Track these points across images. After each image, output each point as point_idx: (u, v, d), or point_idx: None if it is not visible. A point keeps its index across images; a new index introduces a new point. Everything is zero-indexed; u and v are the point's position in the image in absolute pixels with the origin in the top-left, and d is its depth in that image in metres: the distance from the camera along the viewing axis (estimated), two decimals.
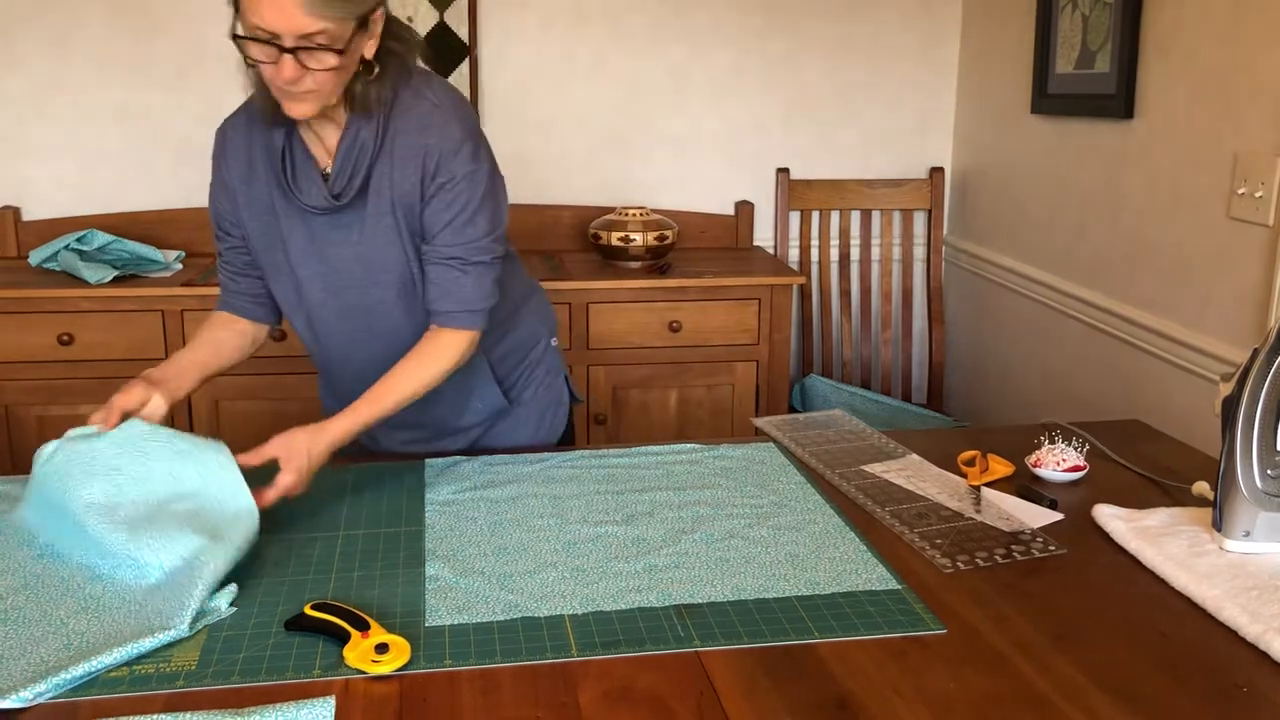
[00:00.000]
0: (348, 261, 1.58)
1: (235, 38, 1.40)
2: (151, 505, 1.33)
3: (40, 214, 3.10)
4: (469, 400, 1.73)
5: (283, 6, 1.34)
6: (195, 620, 1.17)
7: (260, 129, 1.56)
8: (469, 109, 1.58)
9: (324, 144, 1.56)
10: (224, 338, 1.68)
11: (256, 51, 1.39)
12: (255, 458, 1.42)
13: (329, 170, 1.55)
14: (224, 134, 1.63)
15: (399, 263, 1.58)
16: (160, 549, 1.25)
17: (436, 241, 1.54)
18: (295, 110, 1.45)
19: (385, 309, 1.62)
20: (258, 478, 1.39)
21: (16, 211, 3.07)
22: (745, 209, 3.36)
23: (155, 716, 1.00)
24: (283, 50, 1.37)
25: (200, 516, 1.31)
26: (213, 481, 1.37)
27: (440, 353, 1.56)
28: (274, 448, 1.44)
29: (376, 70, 1.48)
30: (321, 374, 1.81)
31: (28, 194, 3.10)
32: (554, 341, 1.88)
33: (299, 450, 1.44)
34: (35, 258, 2.89)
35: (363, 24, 1.43)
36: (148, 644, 1.12)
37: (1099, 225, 2.66)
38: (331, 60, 1.40)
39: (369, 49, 1.47)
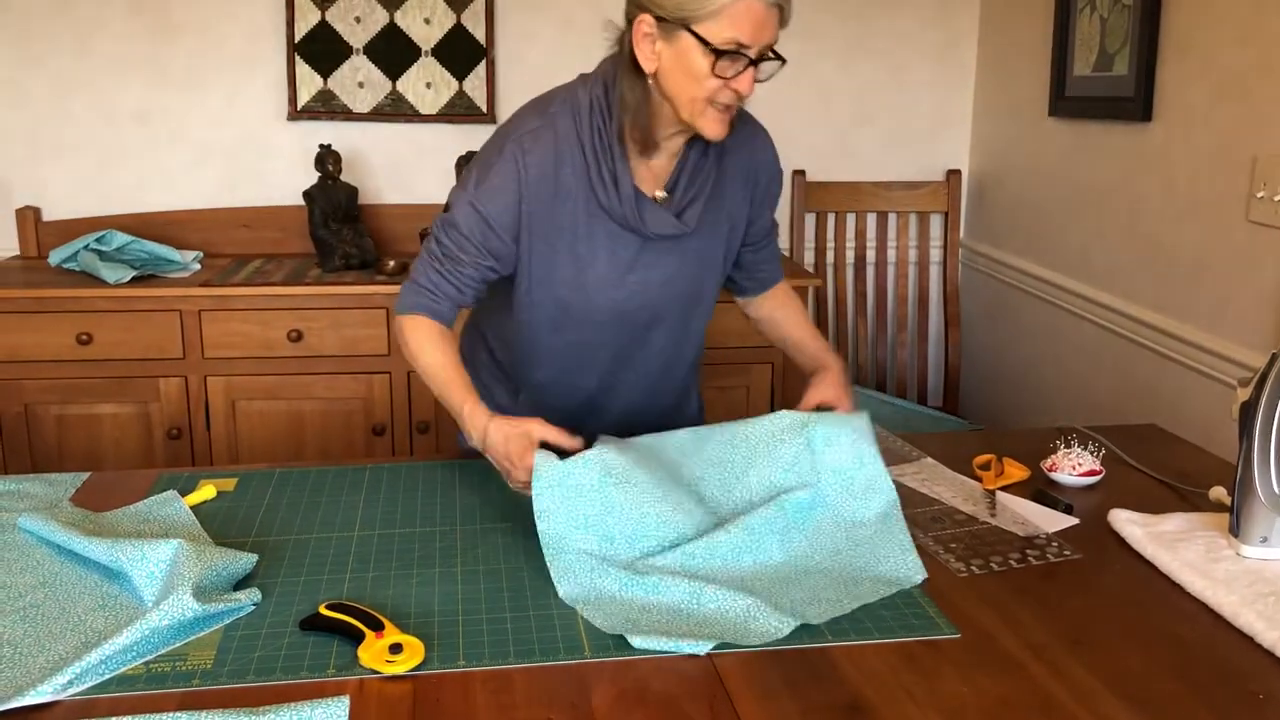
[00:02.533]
0: (651, 285, 1.56)
1: (717, 51, 1.36)
2: None
3: (60, 214, 3.12)
4: (689, 396, 1.79)
5: (768, 19, 1.36)
6: (202, 596, 1.17)
7: (574, 153, 1.48)
8: None
9: (650, 168, 1.53)
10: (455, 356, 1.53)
11: (727, 66, 1.37)
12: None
13: (657, 194, 1.53)
14: (525, 151, 1.48)
15: (699, 280, 1.61)
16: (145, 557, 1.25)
17: (757, 230, 1.68)
18: (719, 130, 1.44)
19: (659, 331, 1.63)
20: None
21: (37, 211, 3.09)
22: None
23: (171, 715, 1.00)
24: (749, 62, 1.38)
25: None
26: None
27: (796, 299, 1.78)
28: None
29: None
30: (527, 384, 1.68)
31: (48, 194, 3.12)
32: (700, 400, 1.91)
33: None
34: (55, 258, 2.91)
35: None
36: (155, 619, 1.12)
37: (1116, 228, 2.64)
38: (773, 68, 1.41)
39: None
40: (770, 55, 1.41)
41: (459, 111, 3.19)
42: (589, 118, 1.48)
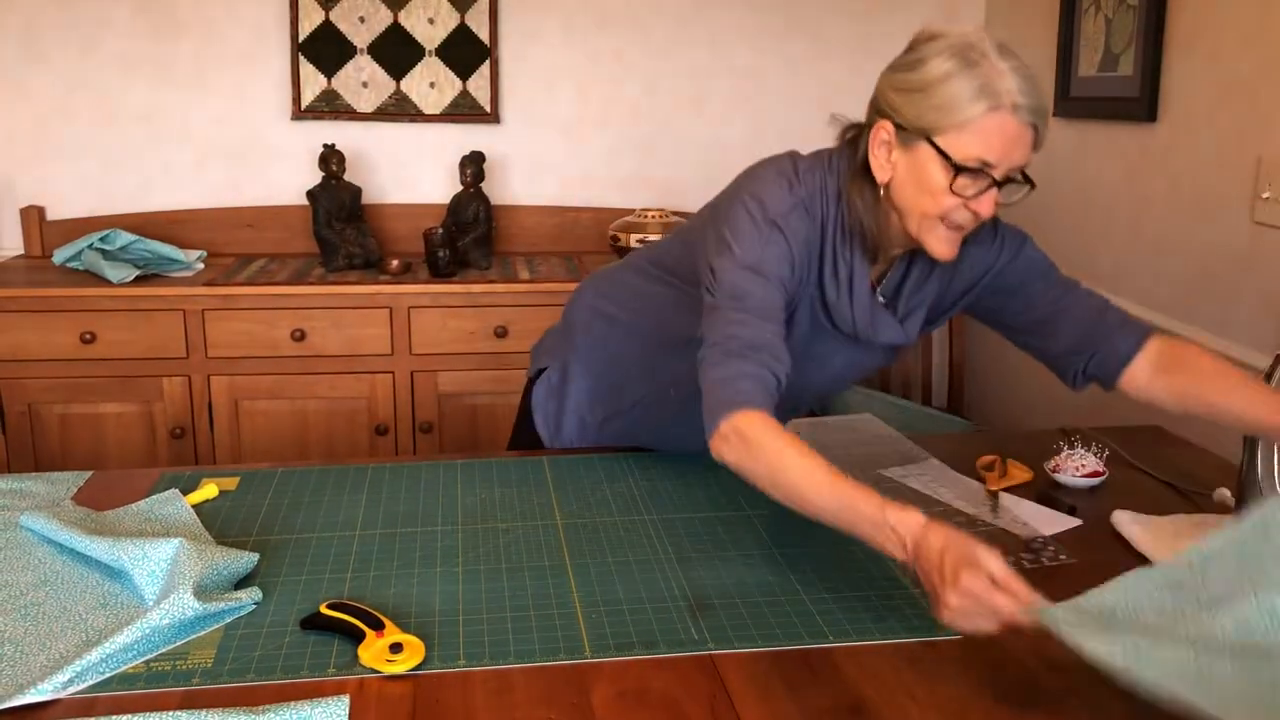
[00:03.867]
0: (828, 371, 1.49)
1: (959, 169, 1.26)
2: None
3: (64, 213, 3.13)
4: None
5: (1020, 139, 1.25)
6: (201, 594, 1.18)
7: (812, 228, 1.37)
8: None
9: (875, 270, 1.44)
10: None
11: (967, 185, 1.27)
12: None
13: (879, 296, 1.44)
14: (791, 210, 1.37)
15: (880, 364, 1.54)
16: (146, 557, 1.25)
17: (1034, 310, 1.52)
18: (947, 251, 1.32)
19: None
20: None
21: (41, 211, 3.09)
22: None
23: (171, 713, 1.00)
24: (993, 183, 1.27)
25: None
26: None
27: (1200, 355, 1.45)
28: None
29: None
30: (640, 398, 1.61)
31: (52, 193, 3.13)
32: None
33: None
34: (59, 257, 2.92)
35: None
36: (156, 618, 1.12)
37: (1121, 229, 2.64)
38: (1021, 191, 1.31)
39: None
40: (1018, 177, 1.30)
41: (463, 111, 3.19)
42: (836, 208, 1.38)
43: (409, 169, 3.24)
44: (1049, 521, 1.45)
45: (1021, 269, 1.50)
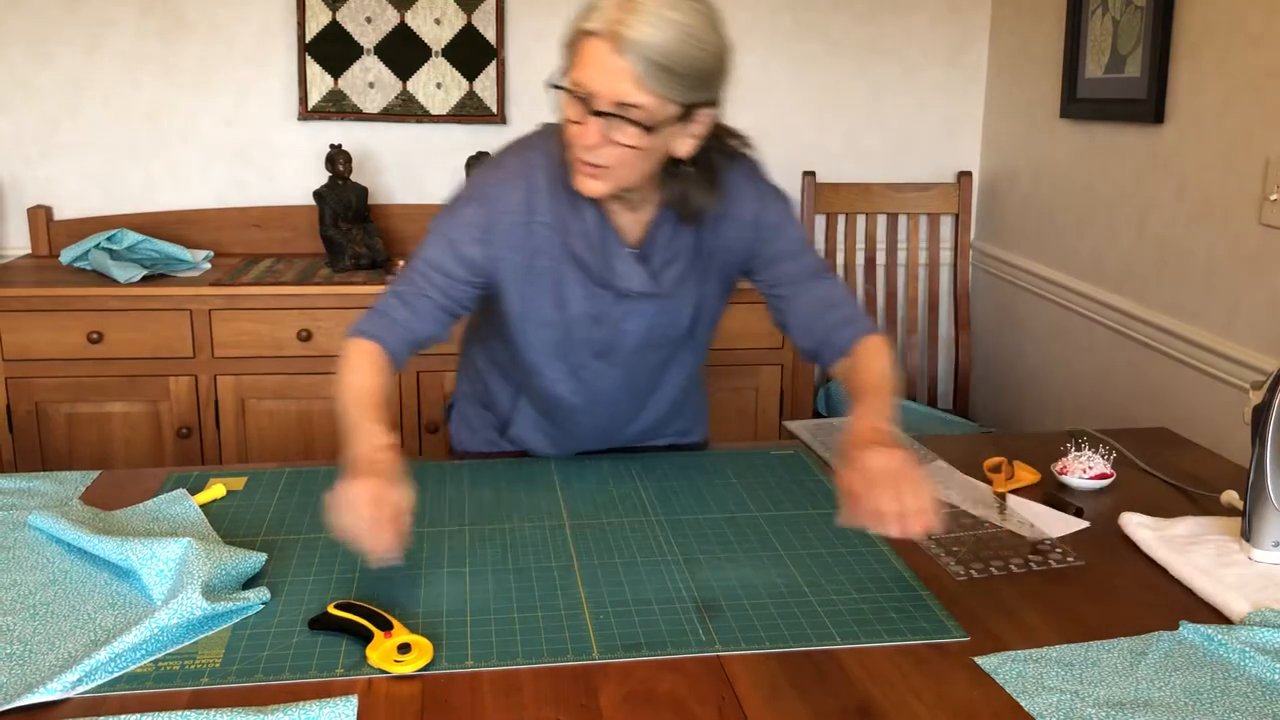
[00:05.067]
0: (636, 328, 1.54)
1: (554, 86, 1.33)
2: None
3: (71, 213, 3.14)
4: (687, 401, 1.74)
5: (609, 67, 1.26)
6: (210, 593, 1.18)
7: (553, 190, 1.46)
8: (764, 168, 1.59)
9: (630, 220, 1.48)
10: (385, 384, 1.43)
11: (568, 106, 1.32)
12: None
13: (638, 247, 1.49)
14: (495, 179, 1.49)
15: (689, 319, 1.57)
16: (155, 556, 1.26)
17: (786, 273, 1.56)
18: (583, 185, 1.36)
19: (656, 364, 1.61)
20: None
21: (48, 210, 3.10)
22: None
23: (179, 713, 1.00)
24: (593, 113, 1.29)
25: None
26: None
27: (876, 352, 1.48)
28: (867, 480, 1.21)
29: (690, 172, 1.41)
30: (534, 399, 1.66)
31: (59, 193, 3.13)
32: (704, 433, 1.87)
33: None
34: (66, 256, 2.92)
35: (686, 115, 1.34)
36: (164, 618, 1.13)
37: (1128, 231, 2.63)
38: (634, 137, 1.30)
39: (683, 146, 1.38)
40: (628, 118, 1.29)
41: (469, 112, 3.19)
42: (564, 167, 1.43)
43: (415, 169, 3.24)
44: (1056, 524, 1.45)
45: (778, 243, 1.55)
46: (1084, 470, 1.57)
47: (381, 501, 1.20)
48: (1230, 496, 1.49)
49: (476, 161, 3.04)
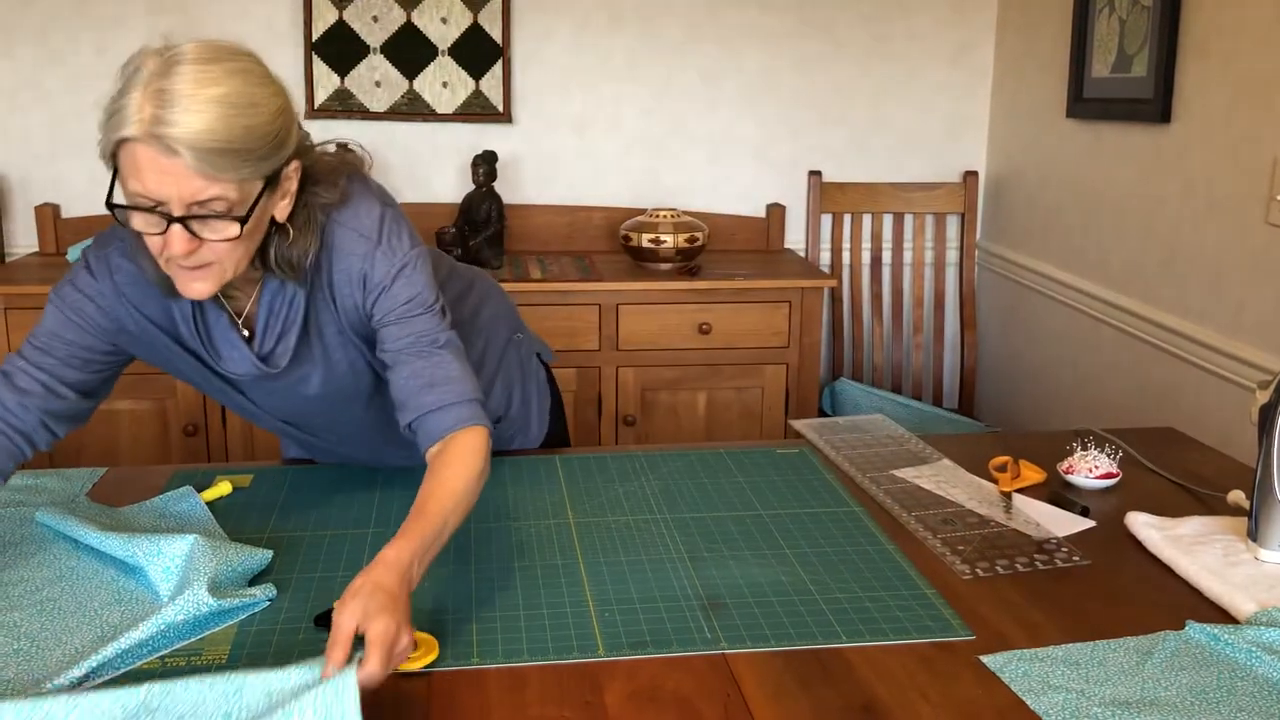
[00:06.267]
0: (311, 390, 1.41)
1: (112, 206, 1.17)
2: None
3: (78, 211, 3.14)
4: None
5: (166, 169, 1.11)
6: (216, 590, 1.18)
7: (144, 286, 1.31)
8: (390, 211, 1.38)
9: (235, 302, 1.34)
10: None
11: (139, 222, 1.15)
12: (338, 650, 1.00)
13: (249, 328, 1.35)
14: (84, 283, 1.33)
15: (366, 376, 1.42)
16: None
17: (389, 341, 1.33)
18: (191, 290, 1.20)
19: (351, 416, 1.48)
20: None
21: (56, 208, 3.11)
22: (776, 211, 3.36)
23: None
24: (170, 220, 1.14)
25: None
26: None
27: (466, 452, 1.27)
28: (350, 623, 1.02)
29: (292, 234, 1.26)
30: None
31: (66, 191, 3.14)
32: (518, 335, 1.77)
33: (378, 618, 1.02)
34: (73, 254, 2.93)
35: (271, 182, 1.19)
36: (171, 614, 1.13)
37: (1134, 230, 2.63)
38: (231, 230, 1.16)
39: (281, 210, 1.23)
40: (212, 213, 1.14)
41: (475, 111, 3.20)
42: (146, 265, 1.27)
43: (421, 168, 3.24)
44: (1062, 523, 1.45)
45: (384, 303, 1.33)
46: (1090, 470, 1.56)
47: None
48: (1237, 496, 1.49)
49: (481, 161, 3.05)
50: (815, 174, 3.34)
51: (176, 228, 1.14)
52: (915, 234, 3.43)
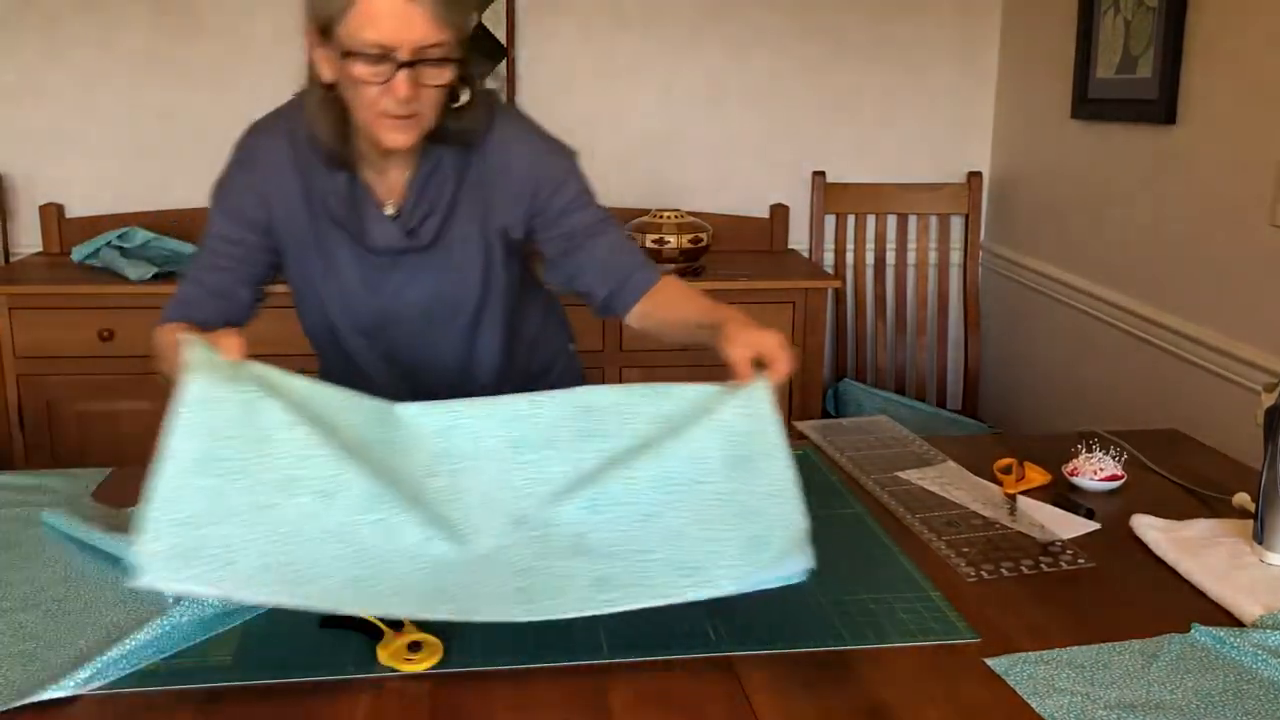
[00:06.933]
0: (418, 298, 1.52)
1: (346, 54, 1.29)
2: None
3: (83, 211, 3.15)
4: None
5: (405, 15, 1.25)
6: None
7: (306, 163, 1.46)
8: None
9: (386, 180, 1.46)
10: None
11: (365, 71, 1.28)
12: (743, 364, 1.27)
13: (390, 208, 1.47)
14: (259, 142, 1.52)
15: (475, 297, 1.53)
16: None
17: (564, 235, 1.51)
18: (397, 139, 1.34)
19: (445, 344, 1.57)
20: None
21: (60, 208, 3.11)
22: (780, 212, 3.35)
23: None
24: (399, 65, 1.27)
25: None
26: None
27: (685, 285, 1.54)
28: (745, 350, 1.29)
29: (467, 96, 1.40)
30: (347, 377, 1.64)
31: (71, 191, 3.14)
32: (572, 347, 1.88)
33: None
34: (77, 254, 2.93)
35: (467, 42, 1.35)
36: (176, 616, 1.13)
37: (1139, 232, 2.63)
38: (449, 74, 1.31)
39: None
40: (433, 59, 1.29)
41: None
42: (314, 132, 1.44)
43: None
44: (1066, 525, 1.45)
45: (563, 196, 1.51)
46: (1095, 472, 1.56)
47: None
48: (1242, 499, 1.49)
49: None
50: (819, 174, 3.34)
51: (403, 73, 1.27)
52: (919, 235, 3.43)
